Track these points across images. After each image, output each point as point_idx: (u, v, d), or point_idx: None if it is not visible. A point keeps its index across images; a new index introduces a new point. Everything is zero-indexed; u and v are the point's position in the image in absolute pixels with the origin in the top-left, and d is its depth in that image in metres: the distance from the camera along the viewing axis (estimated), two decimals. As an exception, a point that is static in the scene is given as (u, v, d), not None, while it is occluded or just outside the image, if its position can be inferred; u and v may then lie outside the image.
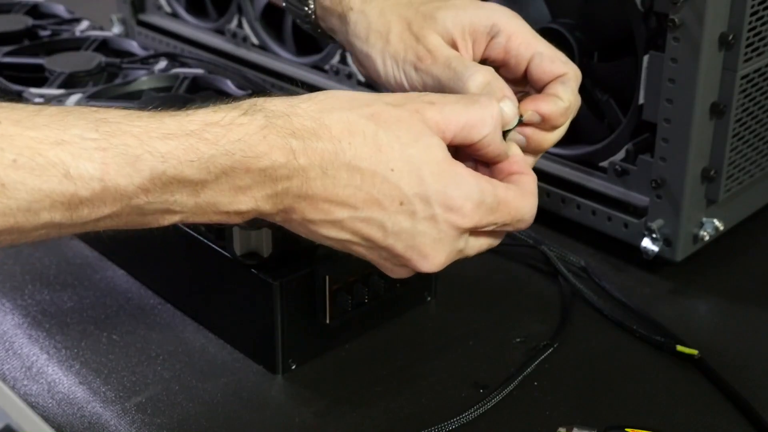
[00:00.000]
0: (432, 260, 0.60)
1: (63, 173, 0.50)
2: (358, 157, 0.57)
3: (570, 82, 0.67)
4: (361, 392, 0.70)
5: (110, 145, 0.51)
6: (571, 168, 0.89)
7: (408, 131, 0.58)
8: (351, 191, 0.58)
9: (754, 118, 0.82)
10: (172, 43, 1.25)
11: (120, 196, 0.52)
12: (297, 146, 0.56)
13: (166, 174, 0.52)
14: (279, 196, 0.57)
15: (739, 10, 0.75)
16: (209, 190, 0.55)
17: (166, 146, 0.52)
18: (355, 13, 0.72)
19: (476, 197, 0.59)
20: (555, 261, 0.84)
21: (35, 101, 0.89)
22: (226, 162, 0.54)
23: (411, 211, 0.58)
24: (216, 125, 0.54)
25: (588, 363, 0.74)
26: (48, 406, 0.69)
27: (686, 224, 0.81)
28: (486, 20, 0.69)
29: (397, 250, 0.60)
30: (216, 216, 0.57)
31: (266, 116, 0.56)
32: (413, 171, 0.58)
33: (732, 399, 0.69)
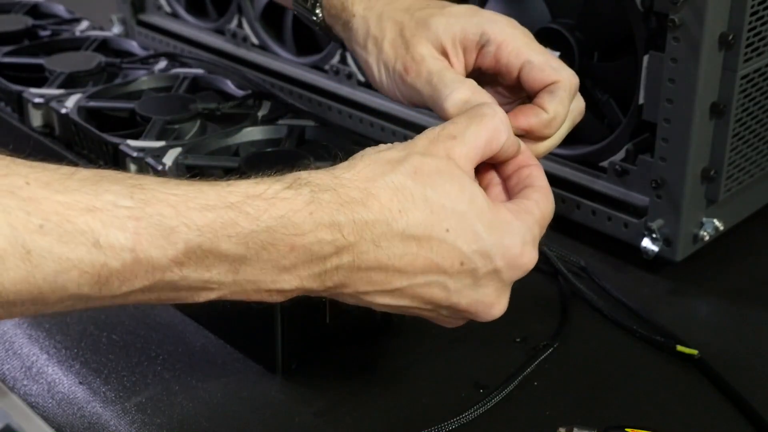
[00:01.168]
0: (498, 308, 0.60)
1: (92, 242, 0.47)
2: (412, 225, 0.55)
3: (558, 91, 0.66)
4: (361, 392, 0.70)
5: (144, 215, 0.49)
6: (571, 168, 0.89)
7: (452, 183, 0.57)
8: (408, 259, 0.56)
9: (754, 118, 0.82)
10: (172, 43, 1.25)
11: (152, 269, 0.50)
12: (345, 222, 0.54)
13: (201, 248, 0.50)
14: (328, 274, 0.55)
15: (739, 10, 0.75)
16: (249, 267, 0.52)
17: (204, 219, 0.50)
18: (357, 20, 0.72)
19: (530, 238, 0.59)
20: (555, 261, 0.84)
21: (35, 101, 0.89)
22: (267, 238, 0.52)
23: (472, 269, 0.57)
24: (258, 198, 0.52)
25: (588, 363, 0.74)
26: (48, 406, 0.69)
27: (686, 224, 0.81)
28: (476, 29, 0.68)
29: (461, 306, 0.59)
30: (256, 295, 0.55)
31: (312, 191, 0.53)
32: (467, 228, 0.57)
33: (732, 399, 0.69)
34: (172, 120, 0.85)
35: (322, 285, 0.55)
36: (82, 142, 0.85)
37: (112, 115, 0.89)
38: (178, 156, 0.79)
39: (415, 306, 0.59)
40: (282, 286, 0.54)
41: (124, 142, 0.80)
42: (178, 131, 0.85)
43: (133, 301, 0.52)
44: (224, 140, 0.84)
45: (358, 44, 0.72)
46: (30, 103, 0.90)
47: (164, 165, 0.77)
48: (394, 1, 0.71)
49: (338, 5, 0.73)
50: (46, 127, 0.90)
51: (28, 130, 0.91)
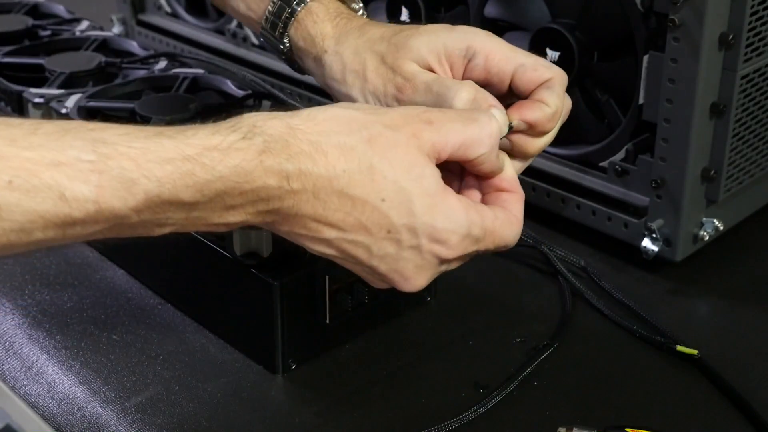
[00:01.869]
0: (413, 282, 0.62)
1: (58, 195, 0.50)
2: (351, 185, 0.58)
3: (555, 87, 0.67)
4: (361, 392, 0.70)
5: (107, 168, 0.51)
6: (571, 168, 0.89)
7: (402, 159, 0.59)
8: (341, 216, 0.58)
9: (754, 118, 0.82)
10: (172, 43, 1.25)
11: (113, 217, 0.52)
12: (292, 171, 0.56)
13: (160, 197, 0.53)
14: (269, 213, 0.58)
15: (739, 10, 0.75)
16: (201, 209, 0.55)
17: (163, 171, 0.53)
18: (329, 56, 0.72)
19: (463, 231, 0.60)
20: (555, 261, 0.84)
21: (35, 101, 0.89)
22: (220, 186, 0.54)
23: (397, 240, 0.59)
24: (214, 149, 0.54)
25: (588, 363, 0.74)
26: (48, 406, 0.69)
27: (686, 224, 0.81)
28: (460, 43, 0.68)
29: (380, 270, 0.61)
30: (205, 227, 0.58)
31: (265, 140, 0.56)
32: (404, 202, 0.59)
33: (732, 399, 0.69)
34: (172, 120, 0.85)
35: (263, 220, 0.59)
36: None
37: (112, 115, 0.89)
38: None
39: (340, 257, 0.61)
40: (228, 220, 0.57)
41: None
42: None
43: (92, 238, 0.55)
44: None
45: (335, 80, 0.72)
46: (30, 103, 0.90)
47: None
48: (365, 34, 0.71)
49: (308, 39, 0.73)
50: (46, 127, 0.90)
51: (28, 130, 0.90)
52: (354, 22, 0.73)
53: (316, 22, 0.73)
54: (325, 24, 0.73)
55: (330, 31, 0.72)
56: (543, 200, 0.90)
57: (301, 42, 0.74)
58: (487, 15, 0.92)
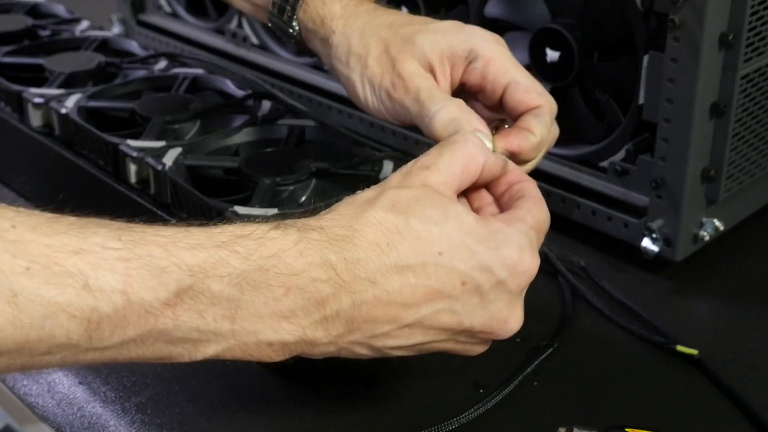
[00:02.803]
0: (513, 322, 0.59)
1: (82, 285, 0.46)
2: (403, 256, 0.54)
3: (544, 116, 0.66)
4: (361, 392, 0.70)
5: (134, 255, 0.48)
6: (571, 168, 0.89)
7: (433, 208, 0.56)
8: (409, 291, 0.54)
9: (754, 118, 0.82)
10: (172, 43, 1.25)
11: (145, 313, 0.48)
12: (336, 261, 0.52)
13: (193, 289, 0.49)
14: (329, 321, 0.53)
15: (739, 10, 0.75)
16: (245, 313, 0.51)
17: (195, 258, 0.49)
18: (337, 36, 0.71)
19: (527, 243, 0.58)
20: (555, 261, 0.84)
21: (35, 101, 0.89)
22: (259, 278, 0.50)
23: (476, 286, 0.56)
24: (247, 238, 0.51)
25: (588, 363, 0.74)
26: (48, 406, 0.69)
27: (686, 224, 0.81)
28: (464, 45, 0.68)
29: (476, 329, 0.58)
30: (258, 350, 0.52)
31: (299, 230, 0.53)
32: (460, 246, 0.56)
33: (732, 399, 0.69)
34: (172, 120, 0.85)
35: (327, 333, 0.54)
36: (81, 142, 0.85)
37: (112, 115, 0.89)
38: (178, 156, 0.79)
39: (430, 340, 0.57)
40: (284, 336, 0.52)
41: (124, 142, 0.80)
42: (178, 131, 0.85)
43: (126, 355, 0.49)
44: (224, 140, 0.84)
45: (339, 61, 0.71)
46: (30, 103, 0.90)
47: (164, 165, 0.77)
48: (375, 18, 0.71)
49: (317, 20, 0.73)
50: (45, 127, 0.90)
51: (28, 130, 0.90)
52: (364, 5, 0.72)
53: (325, 3, 0.72)
54: (334, 5, 0.72)
55: (339, 11, 0.72)
56: (543, 200, 0.90)
57: (310, 23, 0.73)
58: (487, 15, 0.92)
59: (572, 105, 0.88)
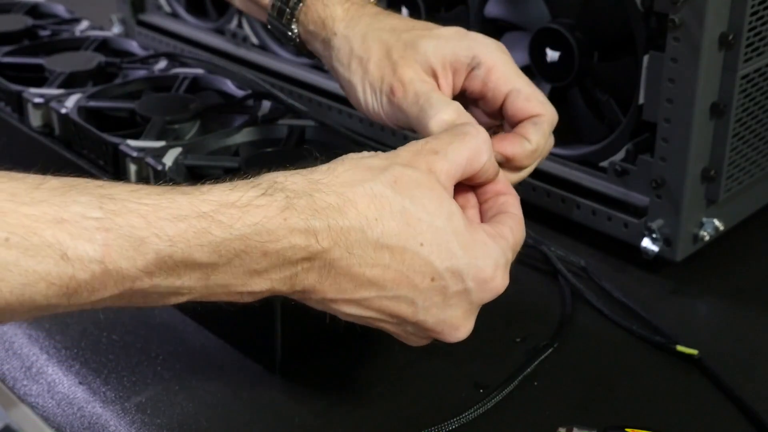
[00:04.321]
0: (463, 330, 0.60)
1: (60, 255, 0.46)
2: (387, 234, 0.55)
3: (543, 125, 0.66)
4: (361, 392, 0.70)
5: (114, 225, 0.48)
6: (571, 168, 0.89)
7: (431, 197, 0.57)
8: (379, 271, 0.55)
9: (754, 118, 0.82)
10: (172, 43, 1.25)
11: (122, 279, 0.49)
12: (320, 227, 0.53)
13: (172, 258, 0.49)
14: (298, 278, 0.54)
15: (739, 10, 0.75)
16: (220, 273, 0.52)
17: (176, 228, 0.49)
18: (338, 39, 0.71)
19: (503, 262, 0.59)
20: (555, 261, 0.84)
21: (35, 101, 0.89)
22: (240, 246, 0.51)
23: (443, 287, 0.57)
24: (232, 206, 0.51)
25: (588, 363, 0.74)
26: (48, 406, 0.69)
27: (686, 224, 0.81)
28: (468, 51, 0.68)
29: (427, 325, 0.58)
30: (226, 297, 0.54)
31: (287, 196, 0.53)
32: (442, 244, 0.56)
33: (732, 399, 0.69)
34: (172, 120, 0.85)
35: (292, 288, 0.55)
36: (81, 142, 0.85)
37: (112, 115, 0.89)
38: (178, 156, 0.79)
39: (380, 318, 0.58)
40: (252, 288, 0.54)
41: (124, 142, 0.80)
42: (178, 131, 0.85)
43: (102, 306, 0.51)
44: (224, 140, 0.84)
45: (341, 63, 0.71)
46: (30, 103, 0.90)
47: (164, 165, 0.77)
48: (377, 21, 0.71)
49: (318, 22, 0.72)
50: (45, 127, 0.90)
51: (28, 130, 0.91)
52: (366, 8, 0.72)
53: (326, 5, 0.72)
54: (335, 7, 0.72)
55: (340, 14, 0.72)
56: (543, 200, 0.90)
57: (311, 26, 0.73)
58: (487, 15, 0.92)
59: (572, 105, 0.88)
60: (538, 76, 0.88)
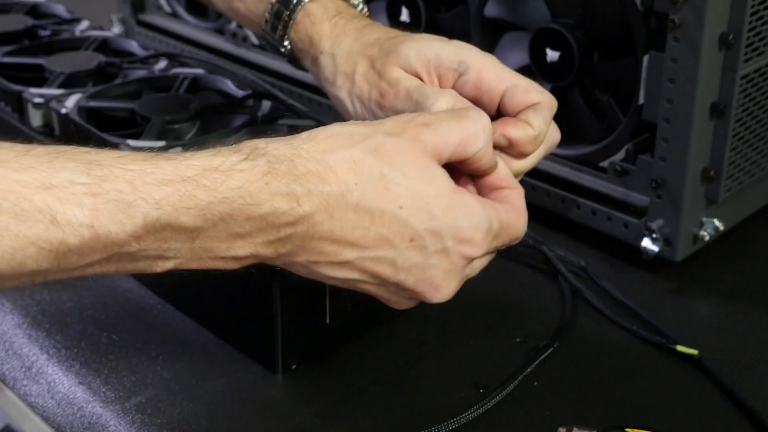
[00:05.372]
0: (443, 290, 0.60)
1: (50, 219, 0.48)
2: (366, 198, 0.56)
3: (544, 110, 0.66)
4: (361, 392, 0.70)
5: (102, 191, 0.49)
6: (571, 168, 0.89)
7: (411, 164, 0.58)
8: (360, 232, 0.57)
9: (754, 118, 0.82)
10: (172, 43, 1.25)
11: (111, 243, 0.50)
12: (301, 192, 0.54)
13: (160, 221, 0.51)
14: (281, 242, 0.55)
15: (739, 10, 0.75)
16: (205, 236, 0.53)
17: (161, 192, 0.51)
18: (324, 57, 0.72)
19: (485, 226, 0.59)
20: (555, 261, 0.84)
21: (35, 101, 0.89)
22: (224, 209, 0.52)
23: (422, 246, 0.58)
24: (215, 171, 0.52)
25: (588, 363, 0.74)
26: (48, 406, 0.69)
27: (686, 224, 0.81)
28: (453, 56, 0.68)
29: (407, 284, 0.59)
30: (212, 262, 0.55)
31: (269, 161, 0.54)
32: (422, 206, 0.57)
33: (732, 399, 0.69)
34: (172, 120, 0.85)
35: (275, 252, 0.56)
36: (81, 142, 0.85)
37: (112, 115, 0.89)
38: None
39: (363, 280, 0.59)
40: (237, 252, 0.55)
41: (124, 142, 0.80)
42: (178, 131, 0.85)
43: (91, 273, 0.52)
44: (224, 140, 0.84)
45: (327, 81, 0.72)
46: (30, 103, 0.90)
47: None
48: (362, 36, 0.71)
49: (306, 40, 0.73)
50: (46, 127, 0.90)
51: (28, 130, 0.91)
52: (353, 23, 0.73)
53: (314, 23, 0.73)
54: (323, 24, 0.73)
55: (327, 31, 0.72)
56: (543, 200, 0.90)
57: (300, 43, 0.74)
58: (487, 15, 0.92)
59: (572, 105, 0.88)
60: (538, 76, 0.88)
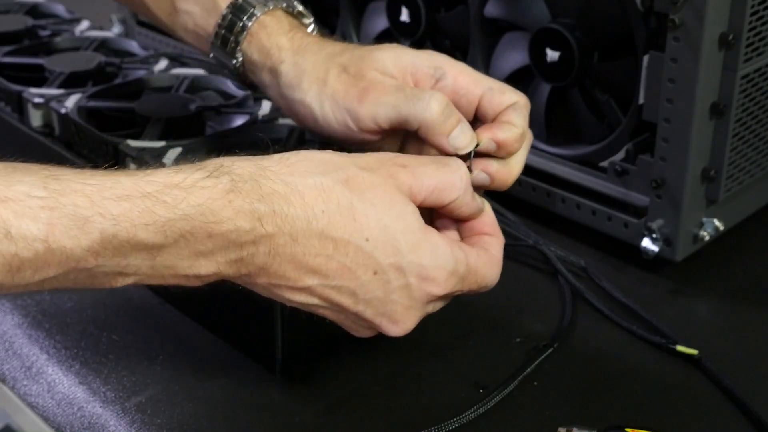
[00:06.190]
0: (402, 325, 0.60)
1: (4, 233, 0.47)
2: (332, 226, 0.56)
3: (521, 108, 0.67)
4: (361, 392, 0.70)
5: (58, 204, 0.48)
6: (571, 168, 0.89)
7: (382, 199, 0.57)
8: (322, 260, 0.56)
9: (754, 118, 0.82)
10: (172, 43, 1.25)
11: (66, 259, 0.49)
12: (265, 212, 0.54)
13: (117, 237, 0.50)
14: (243, 261, 0.55)
15: (739, 10, 0.75)
16: (166, 254, 0.52)
17: (120, 208, 0.50)
18: (286, 65, 0.70)
19: (450, 267, 0.59)
20: (555, 261, 0.84)
21: (35, 101, 0.89)
22: (184, 226, 0.51)
23: (384, 281, 0.58)
24: (176, 187, 0.52)
25: (588, 363, 0.74)
26: (48, 406, 0.69)
27: (686, 224, 0.81)
28: (429, 62, 0.68)
29: (366, 316, 0.59)
30: (173, 279, 0.54)
31: (233, 180, 0.53)
32: (388, 241, 0.57)
33: (732, 399, 0.69)
34: (172, 120, 0.85)
35: (237, 272, 0.55)
36: (81, 142, 0.85)
37: (112, 115, 0.89)
38: (178, 156, 0.79)
39: (322, 305, 0.59)
40: (199, 271, 0.54)
41: (124, 142, 0.80)
42: (178, 131, 0.85)
43: (48, 287, 0.51)
44: (224, 140, 0.84)
45: (289, 86, 0.70)
46: (30, 103, 0.90)
47: (164, 165, 0.77)
48: (325, 47, 0.70)
49: (262, 51, 0.72)
50: (46, 127, 0.90)
51: (28, 130, 0.91)
52: (311, 37, 0.72)
53: (270, 35, 0.72)
54: (280, 37, 0.71)
55: (286, 43, 0.71)
56: (543, 200, 0.90)
57: (255, 55, 0.72)
58: (487, 15, 0.92)
59: (572, 105, 0.88)
60: (538, 76, 0.88)
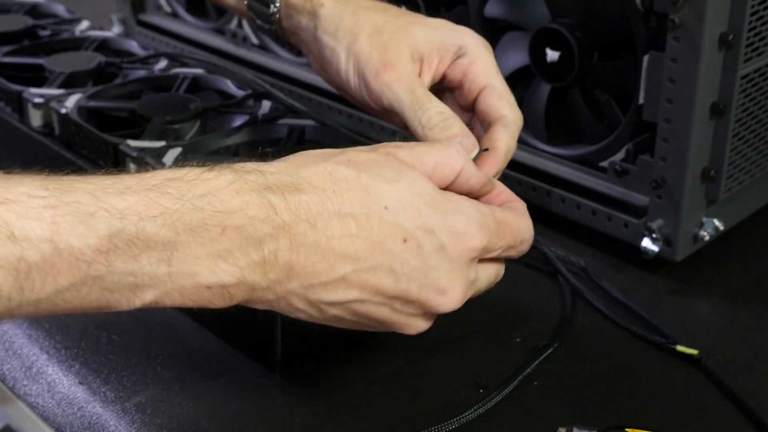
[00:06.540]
0: (451, 295, 0.57)
1: (7, 235, 0.45)
2: (347, 204, 0.53)
3: (512, 126, 0.67)
4: (361, 392, 0.70)
5: (61, 203, 0.46)
6: (571, 168, 0.89)
7: (390, 168, 0.56)
8: (347, 241, 0.53)
9: (754, 118, 0.82)
10: (172, 43, 1.25)
11: (75, 260, 0.47)
12: (276, 201, 0.51)
13: (125, 232, 0.47)
14: (268, 263, 0.52)
15: (739, 10, 0.75)
16: (181, 254, 0.49)
17: (125, 202, 0.48)
18: (327, 9, 0.71)
19: (478, 219, 0.57)
20: (555, 261, 0.84)
21: (35, 101, 0.89)
22: (194, 219, 0.49)
23: (417, 246, 0.55)
24: (179, 180, 0.50)
25: (588, 363, 0.74)
26: (48, 406, 0.69)
27: (686, 224, 0.81)
28: (456, 40, 0.69)
29: (411, 294, 0.56)
30: (196, 293, 0.51)
31: (235, 171, 0.52)
32: (408, 205, 0.55)
33: (732, 399, 0.69)
34: (172, 120, 0.85)
35: (265, 277, 0.52)
36: (82, 142, 0.85)
37: (112, 115, 0.89)
38: (178, 156, 0.79)
39: (366, 299, 0.55)
40: (222, 278, 0.51)
41: (124, 142, 0.80)
42: (178, 131, 0.85)
43: (62, 306, 0.48)
44: (224, 140, 0.84)
45: (326, 32, 0.69)
46: (30, 103, 0.90)
47: (164, 165, 0.77)
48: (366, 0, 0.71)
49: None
50: (46, 127, 0.90)
51: (28, 130, 0.91)
52: None
53: None
54: None
55: None
56: (542, 200, 0.90)
57: None
58: (487, 15, 0.92)
59: (572, 105, 0.88)
60: (538, 76, 0.88)
